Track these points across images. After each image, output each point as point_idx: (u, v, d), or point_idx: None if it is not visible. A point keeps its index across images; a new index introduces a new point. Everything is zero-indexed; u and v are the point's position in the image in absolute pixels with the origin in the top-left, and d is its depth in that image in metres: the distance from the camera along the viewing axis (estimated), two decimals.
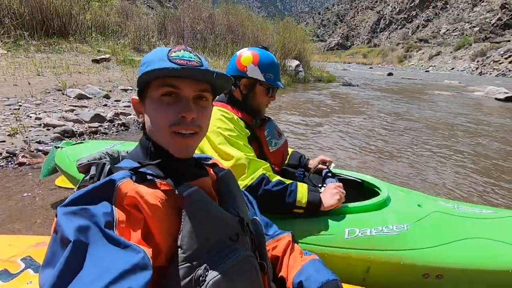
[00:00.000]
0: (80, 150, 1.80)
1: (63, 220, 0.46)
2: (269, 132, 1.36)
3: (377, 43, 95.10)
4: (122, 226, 0.49)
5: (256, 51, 1.30)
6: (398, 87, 14.18)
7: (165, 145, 0.61)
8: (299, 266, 0.79)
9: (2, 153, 2.55)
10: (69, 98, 4.19)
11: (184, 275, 0.50)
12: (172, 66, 0.56)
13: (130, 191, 0.52)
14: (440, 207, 1.30)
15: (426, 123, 5.79)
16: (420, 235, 1.14)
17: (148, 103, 0.61)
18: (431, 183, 2.86)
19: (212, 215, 0.58)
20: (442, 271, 1.07)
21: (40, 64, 5.26)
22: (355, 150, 3.85)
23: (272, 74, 1.30)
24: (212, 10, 12.34)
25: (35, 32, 6.73)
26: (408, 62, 52.12)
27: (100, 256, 0.44)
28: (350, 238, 1.13)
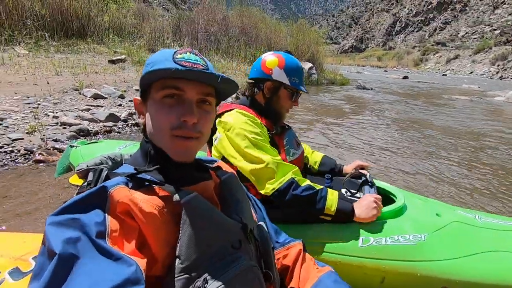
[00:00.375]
0: (94, 149, 1.82)
1: (50, 231, 0.44)
2: (288, 141, 1.33)
3: (392, 46, 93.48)
4: (115, 235, 0.47)
5: (281, 55, 1.29)
6: (414, 91, 13.86)
7: (165, 148, 0.59)
8: (315, 277, 0.75)
9: (20, 150, 2.62)
10: (86, 97, 4.29)
11: (183, 285, 0.48)
12: (176, 67, 0.54)
13: (123, 198, 0.50)
14: (459, 217, 1.24)
15: (443, 129, 5.62)
16: (438, 246, 1.09)
17: (150, 104, 0.59)
18: (450, 191, 2.75)
19: (212, 222, 0.55)
20: (462, 285, 1.02)
21: (59, 64, 5.42)
22: (369, 154, 3.76)
23: (297, 78, 1.29)
24: (226, 12, 12.44)
25: (55, 33, 6.95)
26: (425, 65, 50.93)
27: (89, 268, 0.41)
28: (364, 246, 1.09)
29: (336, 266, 1.07)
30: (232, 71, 8.98)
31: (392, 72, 34.79)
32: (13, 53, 5.59)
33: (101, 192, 0.50)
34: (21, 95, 3.80)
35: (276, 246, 0.82)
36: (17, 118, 3.15)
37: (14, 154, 2.57)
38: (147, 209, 0.50)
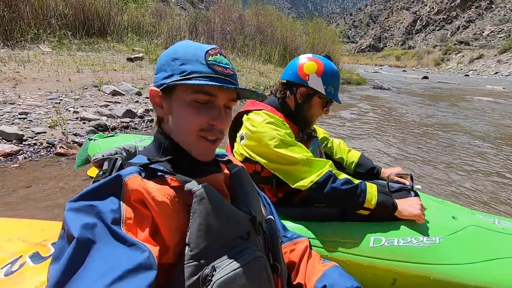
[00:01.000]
0: (111, 143, 1.88)
1: (69, 216, 0.46)
2: (313, 150, 1.28)
3: (412, 45, 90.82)
4: (130, 223, 0.49)
5: (321, 61, 1.23)
6: (434, 91, 13.42)
7: (189, 147, 0.60)
8: (320, 271, 0.76)
9: (43, 143, 2.74)
10: (104, 94, 4.42)
11: (191, 273, 0.49)
12: (212, 74, 0.57)
13: (137, 187, 0.51)
14: (478, 221, 1.20)
15: (463, 131, 5.42)
16: (454, 250, 1.06)
17: (177, 103, 0.59)
18: (468, 195, 2.65)
19: (221, 213, 0.56)
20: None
21: (80, 61, 5.60)
22: (384, 155, 3.68)
23: (333, 88, 1.24)
24: (242, 11, 12.47)
25: (77, 32, 7.19)
26: (446, 65, 49.20)
27: (104, 254, 0.43)
28: (375, 247, 1.07)
29: (346, 265, 1.07)
30: (247, 69, 9.00)
31: (411, 72, 33.83)
32: (38, 51, 5.83)
33: (116, 180, 0.51)
34: (45, 91, 3.97)
35: (283, 240, 0.83)
36: (41, 112, 3.29)
37: (37, 147, 2.70)
38: (159, 198, 0.51)
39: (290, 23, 13.73)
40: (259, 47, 11.03)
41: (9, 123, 2.91)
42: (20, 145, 2.64)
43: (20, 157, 2.54)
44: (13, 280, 0.79)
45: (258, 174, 1.22)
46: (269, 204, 0.86)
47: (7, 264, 0.85)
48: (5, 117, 3.01)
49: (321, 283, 0.73)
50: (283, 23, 13.16)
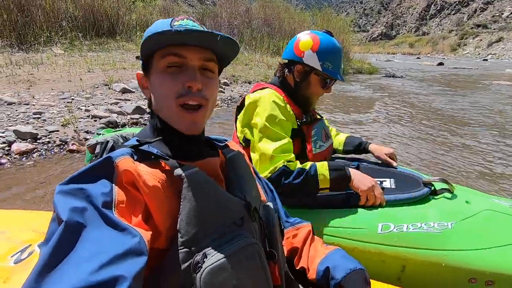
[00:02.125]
0: None
1: (58, 199, 0.45)
2: (317, 132, 1.25)
3: (426, 31, 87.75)
4: (122, 206, 0.47)
5: (317, 36, 1.18)
6: (450, 77, 12.96)
7: (173, 122, 0.58)
8: (323, 254, 0.75)
9: (56, 141, 2.83)
10: (115, 92, 4.50)
11: (182, 260, 0.48)
12: (173, 29, 0.53)
13: (129, 168, 0.50)
14: (493, 205, 1.14)
15: (480, 116, 5.21)
16: (467, 235, 1.01)
17: (153, 76, 0.58)
18: (483, 179, 2.55)
19: (212, 198, 0.54)
20: (493, 277, 0.94)
21: (91, 62, 5.72)
22: (395, 142, 3.58)
23: (331, 64, 1.18)
24: (249, 4, 12.37)
25: (87, 33, 7.32)
26: (463, 50, 47.35)
27: (94, 237, 0.42)
28: (383, 233, 1.04)
29: (353, 252, 1.04)
30: (255, 62, 8.95)
31: (425, 59, 32.77)
32: (50, 53, 5.98)
33: (107, 162, 0.50)
34: (57, 91, 4.07)
35: (286, 225, 0.82)
36: (54, 112, 3.38)
37: (51, 145, 2.78)
38: (151, 182, 0.50)
39: (298, 14, 13.52)
40: (267, 39, 10.92)
41: (24, 123, 3.01)
42: (34, 143, 2.73)
43: (35, 155, 2.62)
44: (22, 267, 0.82)
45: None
46: (272, 190, 0.84)
47: (17, 252, 0.87)
48: (20, 117, 3.11)
49: (323, 265, 0.71)
50: (291, 14, 12.97)
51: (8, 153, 2.55)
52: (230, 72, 7.28)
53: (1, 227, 1.03)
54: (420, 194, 1.14)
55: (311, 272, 0.73)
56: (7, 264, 0.83)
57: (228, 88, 6.35)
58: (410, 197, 1.12)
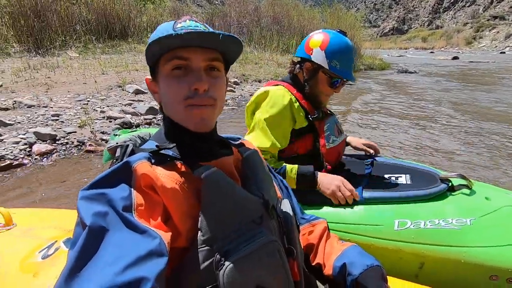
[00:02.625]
0: None
1: (81, 204, 0.47)
2: (329, 127, 1.26)
3: (440, 24, 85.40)
4: (141, 209, 0.49)
5: (328, 34, 1.19)
6: (465, 72, 12.58)
7: (182, 120, 0.59)
8: (339, 250, 0.75)
9: (74, 142, 2.92)
10: (128, 93, 4.59)
11: (204, 258, 0.49)
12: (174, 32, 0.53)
13: (147, 172, 0.51)
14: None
15: (497, 111, 5.04)
16: (487, 231, 0.99)
17: (161, 80, 0.59)
18: (504, 176, 2.48)
19: (232, 197, 0.55)
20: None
21: (104, 64, 5.85)
22: (409, 139, 3.52)
23: (338, 63, 1.18)
24: (258, 2, 12.35)
25: (100, 36, 7.49)
26: (478, 43, 45.85)
27: (116, 241, 0.44)
28: (400, 230, 1.03)
29: (370, 249, 1.03)
30: (264, 61, 8.94)
31: (439, 53, 31.93)
32: (65, 57, 6.15)
33: (125, 167, 0.51)
34: (73, 94, 4.19)
35: (301, 222, 0.82)
36: (71, 114, 3.49)
37: (69, 146, 2.88)
38: (169, 184, 0.51)
39: (307, 12, 13.41)
40: (276, 38, 10.88)
41: (43, 125, 3.12)
42: (53, 145, 2.83)
43: (54, 155, 2.72)
44: (50, 262, 0.85)
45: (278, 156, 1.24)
46: (286, 187, 0.84)
47: (43, 248, 0.91)
48: (40, 119, 3.22)
49: (340, 261, 0.71)
50: (300, 12, 12.87)
51: (29, 154, 2.65)
52: (240, 71, 7.30)
53: (27, 224, 1.07)
54: (437, 190, 1.12)
55: (327, 268, 0.74)
56: (36, 260, 0.87)
57: (239, 87, 6.37)
58: (427, 193, 1.11)
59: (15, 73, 4.61)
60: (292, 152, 1.25)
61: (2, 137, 2.79)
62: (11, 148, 2.64)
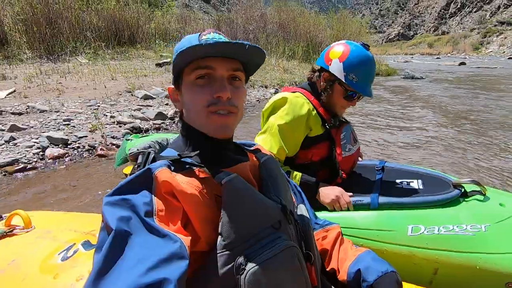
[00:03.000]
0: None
1: (106, 210, 0.48)
2: (346, 135, 1.27)
3: (446, 30, 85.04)
4: (162, 214, 0.50)
5: (349, 46, 1.18)
6: (473, 78, 12.48)
7: (202, 126, 0.61)
8: (354, 256, 0.75)
9: (85, 146, 2.98)
10: (137, 98, 4.66)
11: (224, 262, 0.50)
12: (203, 42, 0.56)
13: (167, 179, 0.52)
14: None
15: (507, 118, 4.98)
16: (502, 238, 0.99)
17: (184, 89, 0.61)
18: None
19: (252, 202, 0.56)
20: None
21: (113, 70, 5.96)
22: (420, 145, 3.50)
23: (356, 76, 1.16)
24: (264, 9, 12.47)
25: (109, 42, 7.65)
26: (486, 49, 45.48)
27: (139, 244, 0.45)
28: (413, 235, 1.03)
29: (383, 255, 1.03)
30: (271, 67, 9.00)
31: (446, 59, 31.73)
32: (76, 63, 6.29)
33: (146, 174, 0.53)
34: (84, 99, 4.27)
35: (315, 227, 0.83)
36: (82, 118, 3.55)
37: (80, 150, 2.93)
38: (188, 190, 0.53)
39: (313, 18, 13.50)
40: (282, 44, 10.96)
41: (55, 129, 3.19)
42: (65, 149, 2.89)
43: (67, 159, 2.78)
44: (69, 264, 0.87)
45: (292, 162, 1.24)
46: (300, 192, 0.85)
47: (62, 251, 0.93)
48: (52, 124, 3.29)
49: (355, 267, 0.72)
50: (306, 18, 12.96)
51: (43, 158, 2.71)
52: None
53: (45, 226, 1.10)
54: (450, 196, 1.12)
55: (342, 274, 0.74)
56: (56, 262, 0.89)
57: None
58: (440, 199, 1.11)
59: (28, 78, 4.72)
60: (307, 159, 1.25)
61: (16, 141, 2.85)
62: (24, 152, 2.70)
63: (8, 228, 1.03)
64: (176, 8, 13.29)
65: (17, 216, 1.05)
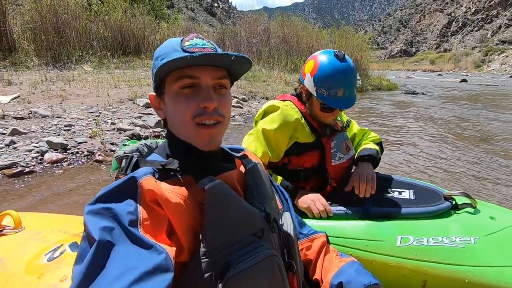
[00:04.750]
0: None
1: (88, 219, 0.47)
2: (337, 144, 1.26)
3: (448, 47, 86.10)
4: (147, 224, 0.49)
5: (318, 59, 1.15)
6: (474, 95, 12.54)
7: (190, 139, 0.59)
8: (337, 267, 0.73)
9: (84, 151, 3.00)
10: (138, 106, 4.72)
11: (205, 269, 0.50)
12: (188, 55, 0.54)
13: (152, 187, 0.51)
14: None
15: (507, 134, 4.98)
16: (492, 251, 0.98)
17: (168, 98, 0.59)
18: (509, 197, 2.43)
19: (234, 209, 0.55)
20: None
21: (117, 78, 6.05)
22: (415, 158, 3.49)
23: (326, 91, 1.13)
24: (267, 23, 12.72)
25: (115, 51, 7.80)
26: (488, 67, 45.87)
27: (122, 256, 0.44)
28: (402, 246, 1.02)
29: (372, 265, 1.03)
30: (272, 79, 9.11)
31: (447, 76, 31.98)
32: (81, 71, 6.40)
33: (131, 182, 0.52)
34: (86, 106, 4.33)
35: (300, 237, 0.81)
36: (82, 124, 3.59)
37: (79, 155, 2.95)
38: (173, 199, 0.52)
39: (316, 33, 13.73)
40: (285, 57, 11.13)
41: (55, 134, 3.22)
42: (64, 154, 2.90)
43: (65, 164, 2.79)
44: (55, 265, 0.87)
45: (285, 167, 1.26)
46: (287, 199, 0.84)
47: (49, 251, 0.93)
48: (53, 129, 3.33)
49: (337, 279, 0.70)
50: (309, 32, 13.19)
51: (41, 162, 2.73)
52: (248, 88, 7.44)
53: (35, 227, 1.10)
54: (441, 207, 1.12)
55: (325, 285, 0.73)
56: (42, 262, 0.89)
57: (246, 103, 6.48)
58: (430, 210, 1.11)
59: (33, 85, 4.80)
60: (298, 165, 1.26)
61: (16, 144, 2.88)
62: (23, 155, 2.72)
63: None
64: (182, 21, 13.59)
65: (8, 216, 1.06)
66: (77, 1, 7.63)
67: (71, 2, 7.21)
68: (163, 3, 13.51)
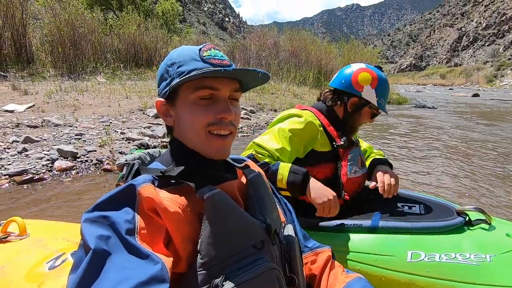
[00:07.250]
0: None
1: (85, 227, 0.46)
2: (353, 157, 1.27)
3: (459, 62, 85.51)
4: (144, 233, 0.48)
5: (375, 73, 1.24)
6: (487, 109, 12.30)
7: (200, 147, 0.59)
8: (343, 283, 0.70)
9: (93, 160, 3.04)
10: (148, 117, 4.79)
11: (201, 282, 0.48)
12: (211, 68, 0.55)
13: (150, 195, 0.50)
14: None
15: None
16: (508, 270, 0.92)
17: (181, 106, 0.58)
18: None
19: (233, 220, 0.54)
20: None
21: (129, 89, 6.20)
22: (425, 173, 3.40)
23: (384, 100, 1.27)
24: (277, 37, 12.92)
25: (128, 63, 8.03)
26: (500, 81, 45.15)
27: (118, 265, 0.43)
28: (413, 262, 0.98)
29: (381, 281, 0.99)
30: (281, 92, 9.17)
31: (459, 90, 31.59)
32: (94, 82, 6.59)
33: (129, 190, 0.51)
34: (98, 115, 4.43)
35: (305, 250, 0.79)
36: (93, 134, 3.66)
37: (88, 163, 2.99)
38: (172, 208, 0.51)
39: (325, 46, 13.85)
40: (294, 70, 11.23)
41: (66, 143, 3.28)
42: (74, 162, 2.95)
43: (74, 172, 2.83)
44: (56, 273, 0.86)
45: None
46: (290, 211, 0.82)
47: (51, 259, 0.93)
48: (64, 137, 3.40)
49: None
50: (318, 46, 13.32)
51: (51, 170, 2.77)
52: (257, 100, 7.50)
53: (40, 235, 1.10)
54: (453, 223, 1.07)
55: None
56: (43, 270, 0.88)
57: (254, 115, 6.51)
58: (442, 225, 1.06)
59: (48, 94, 4.96)
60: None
61: (28, 152, 2.95)
62: (34, 163, 2.77)
63: (3, 234, 1.04)
64: (194, 35, 13.95)
65: (14, 223, 1.06)
66: (94, 16, 7.95)
67: (88, 16, 7.51)
68: (175, 18, 13.95)
